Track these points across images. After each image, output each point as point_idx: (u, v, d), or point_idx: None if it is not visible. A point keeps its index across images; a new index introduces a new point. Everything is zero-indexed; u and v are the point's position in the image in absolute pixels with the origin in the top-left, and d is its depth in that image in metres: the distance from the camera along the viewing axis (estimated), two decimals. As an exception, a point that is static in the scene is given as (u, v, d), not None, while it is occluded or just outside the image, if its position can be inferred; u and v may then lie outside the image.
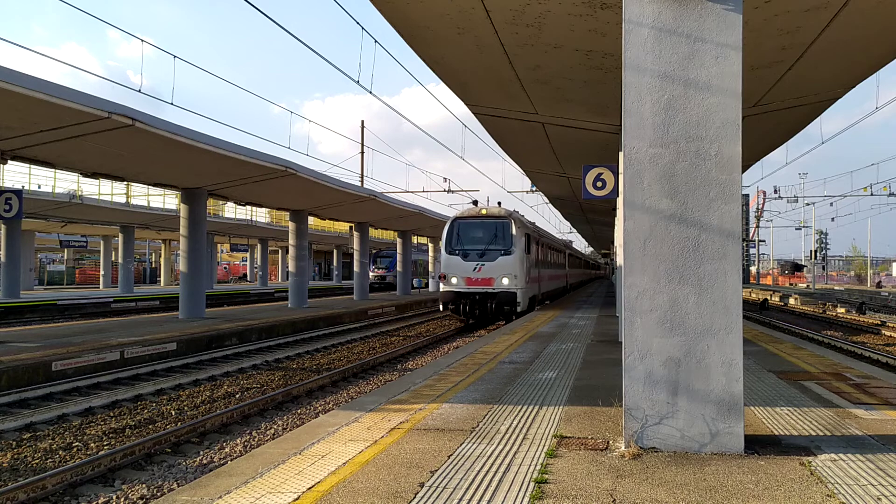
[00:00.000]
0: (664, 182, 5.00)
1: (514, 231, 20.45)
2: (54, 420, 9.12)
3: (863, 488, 4.15)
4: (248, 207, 37.20)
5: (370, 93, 13.96)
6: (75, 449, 7.77)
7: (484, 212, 21.19)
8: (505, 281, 19.86)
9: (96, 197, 30.97)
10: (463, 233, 20.89)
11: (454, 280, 20.31)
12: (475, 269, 20.15)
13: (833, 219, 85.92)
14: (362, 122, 43.09)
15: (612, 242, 28.15)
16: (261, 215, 43.66)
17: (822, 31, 8.07)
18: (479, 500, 4.02)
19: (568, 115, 12.89)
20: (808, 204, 67.04)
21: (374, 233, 46.31)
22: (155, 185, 20.68)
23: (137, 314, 25.74)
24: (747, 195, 76.69)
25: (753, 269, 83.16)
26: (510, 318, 20.68)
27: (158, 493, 6.34)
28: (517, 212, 23.02)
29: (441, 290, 20.75)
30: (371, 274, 43.68)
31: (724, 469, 4.53)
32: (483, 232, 20.74)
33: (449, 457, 4.91)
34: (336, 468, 4.67)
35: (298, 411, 9.98)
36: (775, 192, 70.22)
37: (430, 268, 46.05)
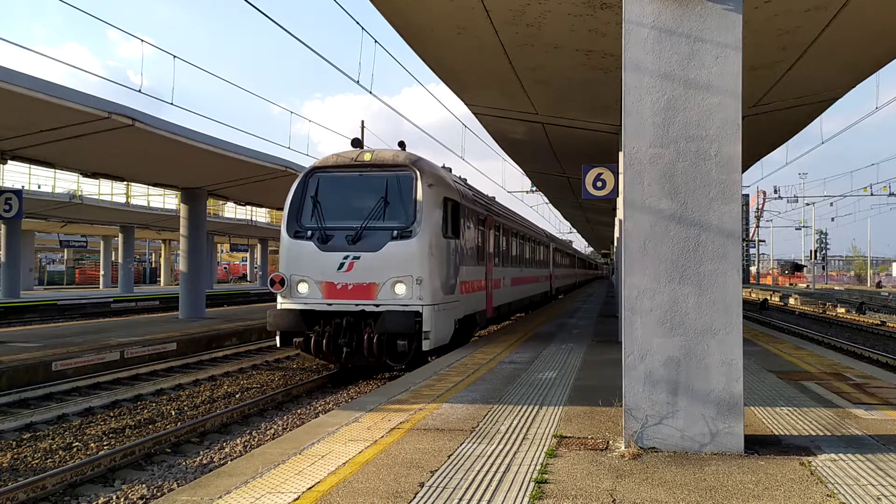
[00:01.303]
0: (664, 182, 5.00)
1: (419, 193, 10.98)
2: (54, 420, 9.12)
3: (863, 488, 4.15)
4: (248, 207, 37.24)
5: (370, 93, 13.94)
6: (75, 449, 7.76)
7: (367, 157, 11.44)
8: (399, 290, 10.55)
9: (96, 197, 30.98)
10: (323, 196, 11.36)
11: (303, 288, 10.89)
12: (342, 266, 10.73)
13: (833, 219, 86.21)
14: (362, 122, 42.81)
15: (612, 242, 28.07)
16: (261, 215, 43.64)
17: (822, 31, 8.07)
18: (479, 500, 4.02)
19: (568, 115, 12.89)
20: (808, 204, 67.28)
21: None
22: (155, 185, 20.70)
23: (137, 314, 25.73)
24: (747, 195, 76.85)
25: (753, 269, 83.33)
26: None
27: (158, 493, 6.34)
28: (444, 167, 13.53)
29: (277, 306, 11.12)
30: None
31: (723, 469, 4.53)
32: (361, 194, 11.32)
33: (449, 457, 4.91)
34: (336, 468, 4.67)
35: (298, 411, 9.98)
36: (775, 192, 70.45)
37: None
